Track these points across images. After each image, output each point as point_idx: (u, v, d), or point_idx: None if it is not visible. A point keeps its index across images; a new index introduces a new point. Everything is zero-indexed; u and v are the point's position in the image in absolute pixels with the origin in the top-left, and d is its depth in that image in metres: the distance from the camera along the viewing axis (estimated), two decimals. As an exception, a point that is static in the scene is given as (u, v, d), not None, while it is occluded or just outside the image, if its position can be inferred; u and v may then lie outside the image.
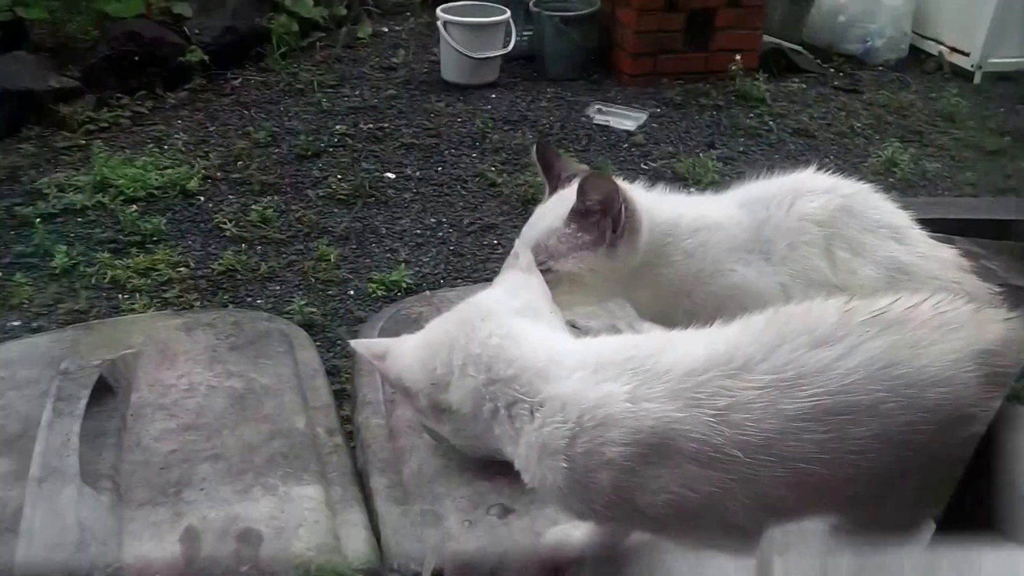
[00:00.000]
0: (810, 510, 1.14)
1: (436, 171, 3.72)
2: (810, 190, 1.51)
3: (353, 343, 1.22)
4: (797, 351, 1.03)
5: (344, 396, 2.02)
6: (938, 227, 1.71)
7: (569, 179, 1.54)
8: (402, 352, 1.16)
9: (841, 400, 1.02)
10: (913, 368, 1.04)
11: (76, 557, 1.33)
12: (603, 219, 1.41)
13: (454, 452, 1.46)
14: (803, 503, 1.10)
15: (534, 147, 1.65)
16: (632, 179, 1.55)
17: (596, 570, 1.28)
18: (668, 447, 1.01)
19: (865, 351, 1.04)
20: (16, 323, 2.63)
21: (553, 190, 1.56)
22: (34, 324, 2.61)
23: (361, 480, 1.53)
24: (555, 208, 1.49)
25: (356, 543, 1.37)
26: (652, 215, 1.48)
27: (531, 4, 4.71)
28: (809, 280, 1.45)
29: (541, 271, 1.45)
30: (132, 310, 2.67)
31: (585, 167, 1.65)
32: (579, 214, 1.43)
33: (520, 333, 1.11)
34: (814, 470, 1.02)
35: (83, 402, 1.63)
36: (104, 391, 1.71)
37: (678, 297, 1.48)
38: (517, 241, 1.32)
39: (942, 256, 1.54)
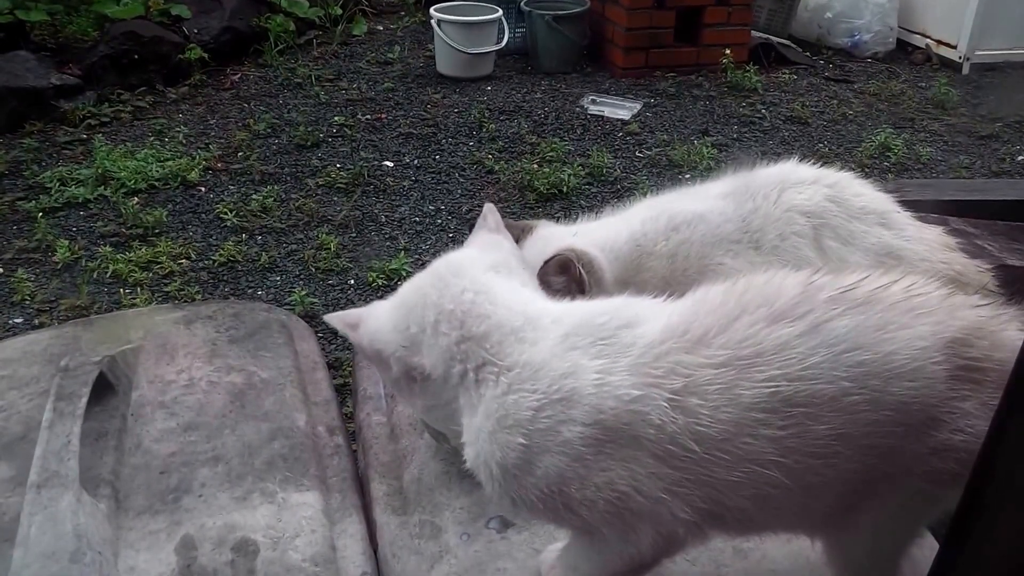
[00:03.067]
0: (772, 525, 1.09)
1: (434, 159, 3.76)
2: (796, 181, 1.54)
3: (327, 317, 1.14)
4: (756, 325, 0.97)
5: (347, 391, 2.01)
6: (932, 208, 1.73)
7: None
8: (375, 316, 1.10)
9: (801, 389, 0.94)
10: (879, 355, 0.96)
11: (71, 568, 1.30)
12: (569, 284, 1.44)
13: (455, 456, 1.44)
14: (764, 517, 1.03)
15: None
16: (628, 167, 1.56)
17: None
18: (625, 433, 0.95)
19: (828, 330, 0.96)
20: (19, 320, 2.63)
21: None
22: (36, 320, 2.61)
23: (361, 484, 1.50)
24: None
25: (353, 555, 1.35)
26: (611, 247, 1.51)
27: (522, 3, 4.79)
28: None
29: None
30: (133, 304, 2.66)
31: (526, 223, 1.62)
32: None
33: (494, 289, 1.06)
34: (772, 477, 0.95)
35: (83, 401, 1.60)
36: (105, 388, 1.70)
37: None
38: (487, 204, 1.28)
39: (928, 237, 1.56)
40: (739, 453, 0.95)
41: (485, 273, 1.09)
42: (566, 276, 1.44)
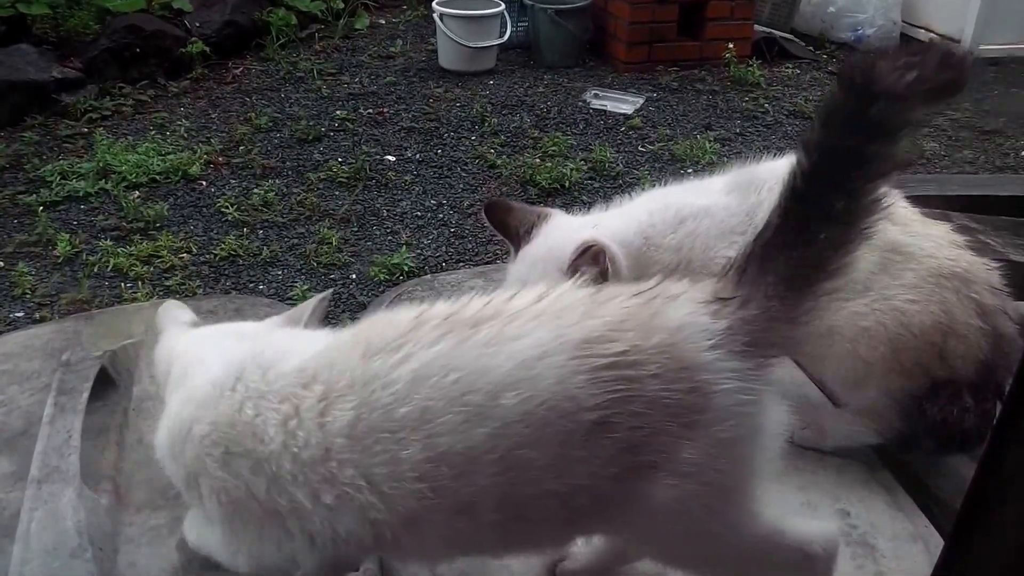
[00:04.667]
0: (412, 550, 1.12)
1: (436, 154, 3.75)
2: None
3: None
4: (352, 359, 1.04)
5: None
6: (935, 204, 1.71)
7: (528, 232, 1.56)
8: None
9: (383, 416, 0.99)
10: (475, 371, 0.97)
11: (72, 564, 1.31)
12: (595, 274, 1.43)
13: None
14: (389, 542, 1.04)
15: (483, 210, 1.63)
16: (630, 161, 1.56)
17: None
18: (241, 445, 1.07)
19: (417, 358, 0.99)
20: (19, 314, 2.62)
21: (517, 248, 1.57)
22: (37, 315, 2.60)
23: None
24: (530, 273, 1.50)
25: None
26: (622, 240, 1.52)
27: (525, -3, 4.78)
28: None
29: None
30: (135, 299, 2.66)
31: (540, 209, 1.62)
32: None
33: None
34: (368, 500, 0.99)
35: (85, 396, 1.62)
36: (106, 383, 1.72)
37: None
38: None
39: (935, 234, 1.55)
40: (327, 476, 1.01)
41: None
42: (596, 265, 1.44)
